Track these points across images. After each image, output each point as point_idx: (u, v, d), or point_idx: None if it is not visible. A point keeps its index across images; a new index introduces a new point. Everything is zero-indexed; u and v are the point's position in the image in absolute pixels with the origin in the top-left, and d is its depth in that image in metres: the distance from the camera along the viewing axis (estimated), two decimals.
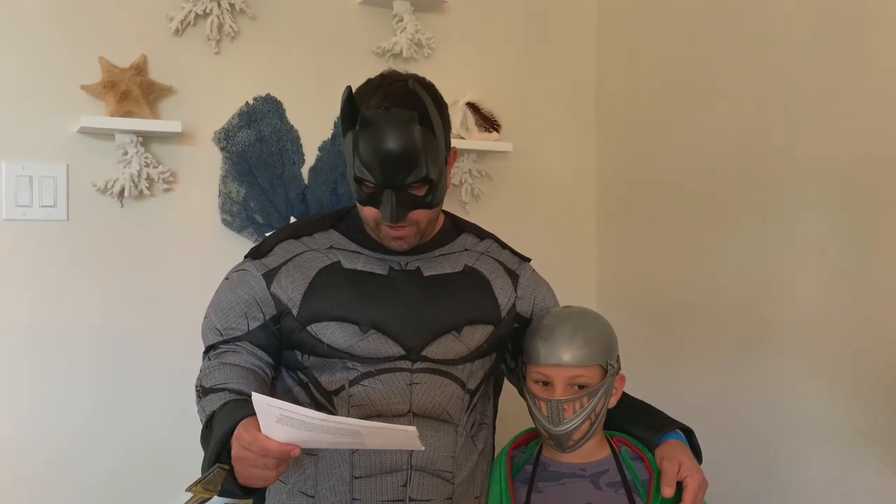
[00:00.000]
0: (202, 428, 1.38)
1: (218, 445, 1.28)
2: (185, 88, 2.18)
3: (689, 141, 2.43)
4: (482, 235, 1.69)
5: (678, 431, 1.60)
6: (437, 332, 1.50)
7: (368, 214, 1.50)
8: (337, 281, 1.50)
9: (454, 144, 1.62)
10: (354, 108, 1.44)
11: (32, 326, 2.03)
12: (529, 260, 1.72)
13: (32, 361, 2.04)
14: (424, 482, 1.47)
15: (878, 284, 1.94)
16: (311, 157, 2.34)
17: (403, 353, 1.48)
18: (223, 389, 1.40)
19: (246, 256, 1.58)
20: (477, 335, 1.55)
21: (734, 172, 2.29)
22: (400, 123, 1.41)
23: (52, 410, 2.05)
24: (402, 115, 1.41)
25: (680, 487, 1.48)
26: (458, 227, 1.67)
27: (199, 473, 1.29)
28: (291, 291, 1.50)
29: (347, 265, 1.53)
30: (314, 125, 2.33)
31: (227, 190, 2.23)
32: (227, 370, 1.45)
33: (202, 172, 2.21)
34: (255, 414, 1.22)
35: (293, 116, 2.31)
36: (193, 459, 1.40)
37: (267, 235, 1.73)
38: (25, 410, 2.03)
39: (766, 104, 2.20)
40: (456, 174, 2.52)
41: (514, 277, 1.65)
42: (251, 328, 1.50)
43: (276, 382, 1.58)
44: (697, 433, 1.63)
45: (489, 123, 2.53)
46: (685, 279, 2.45)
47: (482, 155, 2.57)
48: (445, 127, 1.51)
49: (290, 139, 2.30)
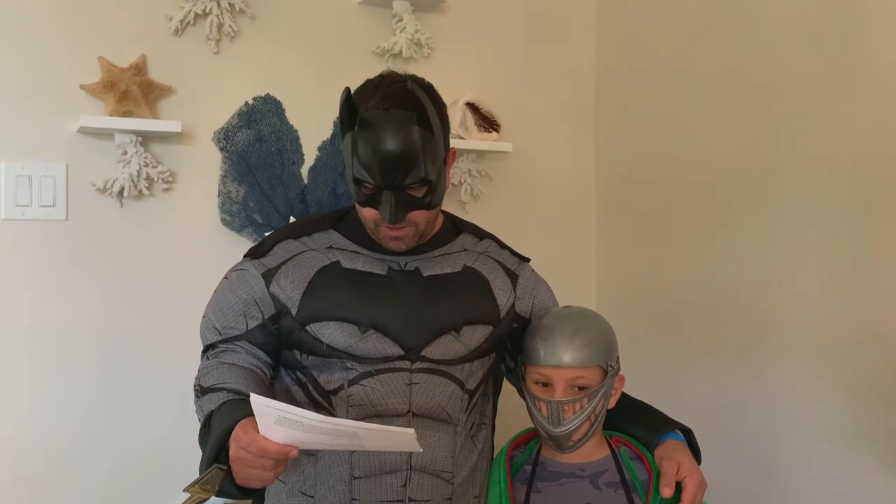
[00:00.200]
0: (200, 427, 1.38)
1: (216, 445, 1.28)
2: (184, 88, 2.18)
3: (688, 141, 2.43)
4: (481, 235, 1.69)
5: (677, 432, 1.60)
6: (436, 332, 1.50)
7: (367, 215, 1.50)
8: (336, 281, 1.50)
9: (453, 145, 1.62)
10: (353, 108, 1.43)
11: (32, 326, 2.03)
12: (529, 260, 1.72)
13: (32, 361, 2.04)
14: (424, 482, 1.47)
15: (878, 284, 1.93)
16: (310, 157, 2.34)
17: (402, 353, 1.48)
18: (221, 389, 1.40)
19: (245, 256, 1.58)
20: (476, 335, 1.55)
21: (733, 172, 2.29)
22: (399, 124, 1.41)
23: (51, 410, 2.05)
24: (400, 115, 1.41)
25: (679, 488, 1.48)
26: (457, 227, 1.67)
27: (198, 474, 1.29)
28: (290, 291, 1.50)
29: (347, 265, 1.53)
30: (314, 125, 2.33)
31: (226, 190, 2.23)
32: (225, 370, 1.45)
33: (202, 172, 2.21)
34: (253, 414, 1.22)
35: (293, 116, 2.31)
36: (193, 459, 1.40)
37: (266, 235, 1.73)
38: (25, 410, 2.03)
39: (764, 105, 2.20)
40: (455, 174, 2.52)
41: (513, 277, 1.65)
42: (250, 328, 1.50)
43: (274, 382, 1.58)
44: (697, 433, 1.62)
45: (489, 123, 2.52)
46: (685, 279, 2.44)
47: (481, 155, 2.57)
48: (444, 128, 1.51)
49: (289, 139, 2.30)
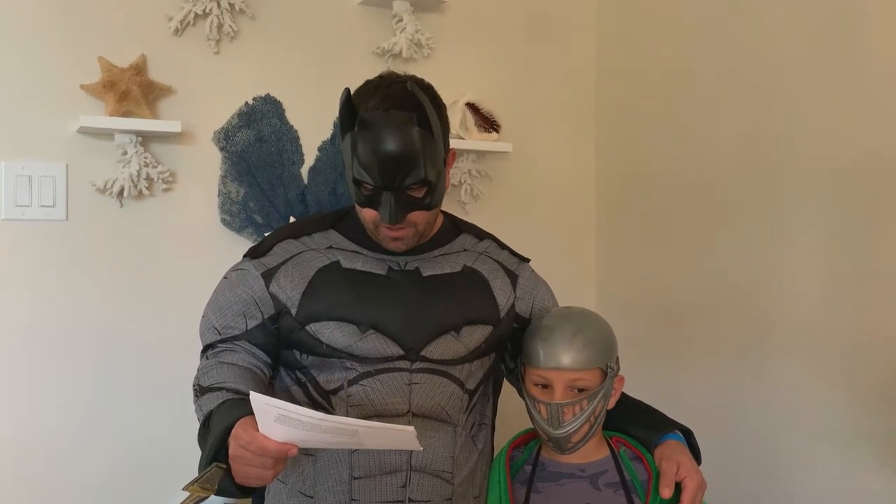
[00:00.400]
0: (199, 427, 1.38)
1: (215, 444, 1.27)
2: (184, 88, 2.18)
3: (688, 141, 2.43)
4: (481, 236, 1.68)
5: (677, 432, 1.60)
6: (435, 332, 1.50)
7: (367, 216, 1.50)
8: (336, 281, 1.50)
9: (453, 145, 1.62)
10: (353, 109, 1.43)
11: (32, 326, 2.04)
12: (528, 260, 1.72)
13: (32, 361, 2.04)
14: (424, 483, 1.47)
15: (878, 284, 1.93)
16: (310, 157, 2.34)
17: (402, 353, 1.48)
18: (221, 388, 1.40)
19: (245, 256, 1.58)
20: (476, 335, 1.55)
21: (733, 172, 2.29)
22: (398, 125, 1.41)
23: (51, 410, 2.05)
24: (400, 116, 1.41)
25: (678, 488, 1.48)
26: (457, 227, 1.67)
27: (197, 472, 1.29)
28: (290, 291, 1.50)
29: (346, 265, 1.53)
30: (314, 125, 2.33)
31: (226, 190, 2.23)
32: (224, 369, 1.45)
33: (202, 172, 2.21)
34: (252, 413, 1.22)
35: (293, 116, 2.31)
36: (193, 459, 1.40)
37: (266, 235, 1.73)
38: (25, 410, 2.03)
39: (764, 105, 2.20)
40: (455, 174, 2.52)
41: (513, 278, 1.64)
42: (249, 327, 1.50)
43: (274, 382, 1.58)
44: (697, 433, 1.62)
45: (488, 123, 2.52)
46: (685, 279, 2.44)
47: (481, 155, 2.57)
48: (444, 128, 1.51)
49: (289, 139, 2.30)
